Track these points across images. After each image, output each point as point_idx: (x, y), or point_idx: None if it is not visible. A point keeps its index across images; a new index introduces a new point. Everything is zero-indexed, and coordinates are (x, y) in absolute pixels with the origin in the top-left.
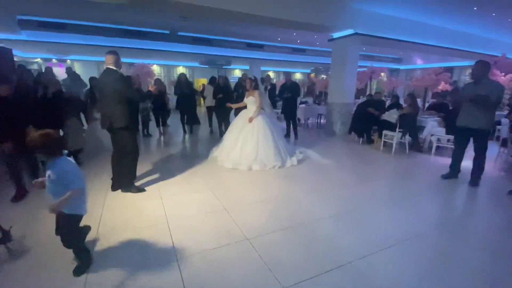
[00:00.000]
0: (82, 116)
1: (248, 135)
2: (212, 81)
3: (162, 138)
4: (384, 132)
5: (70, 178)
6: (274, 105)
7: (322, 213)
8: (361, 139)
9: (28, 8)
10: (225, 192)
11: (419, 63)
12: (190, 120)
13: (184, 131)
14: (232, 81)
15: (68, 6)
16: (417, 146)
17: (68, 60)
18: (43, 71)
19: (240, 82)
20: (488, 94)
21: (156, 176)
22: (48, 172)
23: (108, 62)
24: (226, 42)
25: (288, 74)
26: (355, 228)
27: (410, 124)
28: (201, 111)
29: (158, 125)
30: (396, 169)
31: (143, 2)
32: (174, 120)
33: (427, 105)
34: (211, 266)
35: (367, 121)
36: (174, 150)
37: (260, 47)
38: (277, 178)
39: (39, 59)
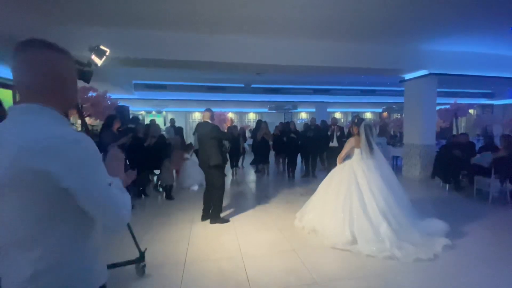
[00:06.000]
0: None
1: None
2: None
3: (235, 178)
4: (476, 178)
5: None
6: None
7: (401, 266)
8: (447, 185)
9: (141, 74)
10: (293, 233)
11: None
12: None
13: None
14: (299, 122)
15: (169, 71)
16: None
17: (164, 112)
18: (149, 123)
19: (310, 126)
20: None
21: (232, 212)
22: None
23: (206, 117)
24: (293, 90)
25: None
26: (438, 284)
27: (508, 169)
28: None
29: (232, 167)
30: (495, 222)
31: (229, 66)
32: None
33: None
34: None
35: (453, 165)
36: (246, 189)
37: (326, 91)
38: None
39: (143, 111)
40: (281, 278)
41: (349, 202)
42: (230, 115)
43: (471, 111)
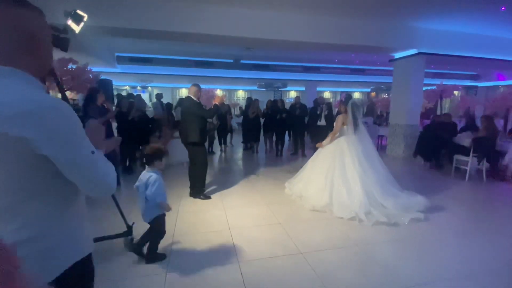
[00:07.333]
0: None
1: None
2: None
3: (224, 155)
4: (456, 156)
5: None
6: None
7: (380, 237)
8: (428, 164)
9: (124, 46)
10: (280, 208)
11: (501, 79)
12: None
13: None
14: (288, 101)
15: (153, 43)
16: (497, 173)
17: (149, 87)
18: (135, 99)
19: (295, 104)
20: None
21: (220, 188)
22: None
23: (190, 92)
24: (283, 67)
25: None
26: (418, 256)
27: (486, 149)
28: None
29: (220, 144)
30: (471, 198)
31: (215, 39)
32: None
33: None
34: (268, 272)
35: (435, 144)
36: (234, 166)
37: (316, 69)
38: None
39: (127, 86)
40: (267, 249)
41: (332, 171)
42: (219, 91)
43: (455, 92)
